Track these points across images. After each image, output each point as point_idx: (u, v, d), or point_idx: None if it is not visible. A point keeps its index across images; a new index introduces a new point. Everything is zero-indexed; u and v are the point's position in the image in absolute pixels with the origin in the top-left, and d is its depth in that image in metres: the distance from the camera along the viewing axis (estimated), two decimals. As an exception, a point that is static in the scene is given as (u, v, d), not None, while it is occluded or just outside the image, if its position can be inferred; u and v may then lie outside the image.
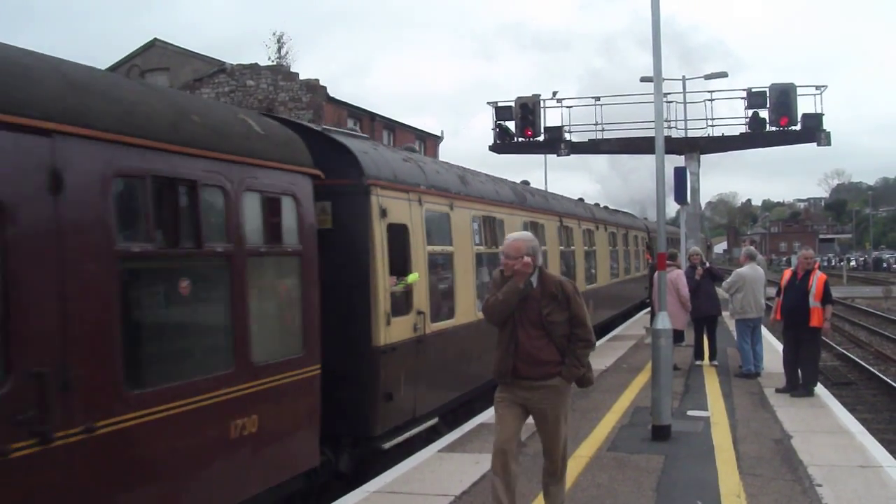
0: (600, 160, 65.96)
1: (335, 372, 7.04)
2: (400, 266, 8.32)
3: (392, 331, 7.96)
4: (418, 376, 8.46)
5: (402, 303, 8.32)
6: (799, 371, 10.97)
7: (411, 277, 8.31)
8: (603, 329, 19.55)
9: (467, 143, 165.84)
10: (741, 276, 12.61)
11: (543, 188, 22.91)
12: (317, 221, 7.03)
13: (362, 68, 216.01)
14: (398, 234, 8.37)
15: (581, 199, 21.95)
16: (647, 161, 29.48)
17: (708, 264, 14.49)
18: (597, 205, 23.61)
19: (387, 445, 7.90)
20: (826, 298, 10.76)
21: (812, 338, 10.83)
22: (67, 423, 4.31)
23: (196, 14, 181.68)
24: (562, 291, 5.50)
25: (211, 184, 5.57)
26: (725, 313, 15.27)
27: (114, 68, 29.05)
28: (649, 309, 15.28)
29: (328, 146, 7.79)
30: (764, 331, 13.87)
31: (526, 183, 16.96)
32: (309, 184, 6.84)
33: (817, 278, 10.83)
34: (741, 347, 12.68)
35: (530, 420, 5.66)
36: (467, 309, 10.02)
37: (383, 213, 8.01)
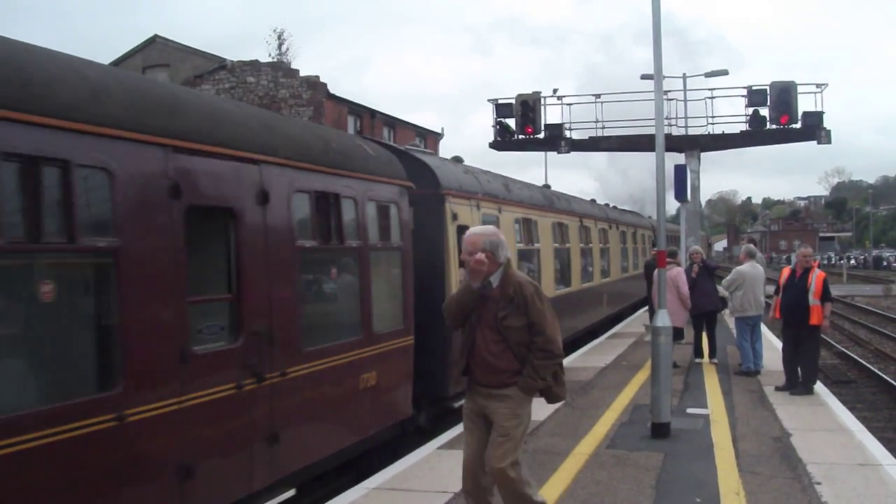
0: (599, 157, 66.05)
1: (417, 345, 8.87)
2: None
3: None
4: None
5: None
6: (798, 369, 10.97)
7: None
8: (614, 320, 21.26)
9: (467, 141, 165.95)
10: (741, 273, 12.60)
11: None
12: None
13: (361, 65, 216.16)
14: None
15: (593, 200, 23.77)
16: (645, 157, 29.55)
17: (703, 258, 14.49)
18: (607, 205, 25.47)
19: (456, 405, 9.63)
20: (825, 296, 10.76)
21: (811, 336, 10.83)
22: (272, 368, 6.18)
23: (195, 11, 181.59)
24: (520, 294, 4.93)
25: (348, 195, 7.53)
26: (726, 310, 15.28)
27: (115, 64, 29.01)
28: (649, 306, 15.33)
29: (412, 163, 9.67)
30: (763, 328, 13.87)
31: (547, 187, 18.87)
32: (406, 193, 8.81)
33: (816, 276, 10.82)
34: (741, 345, 12.69)
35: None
36: None
37: (454, 216, 10.01)
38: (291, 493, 6.60)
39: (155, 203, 5.14)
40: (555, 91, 25.46)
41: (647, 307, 19.12)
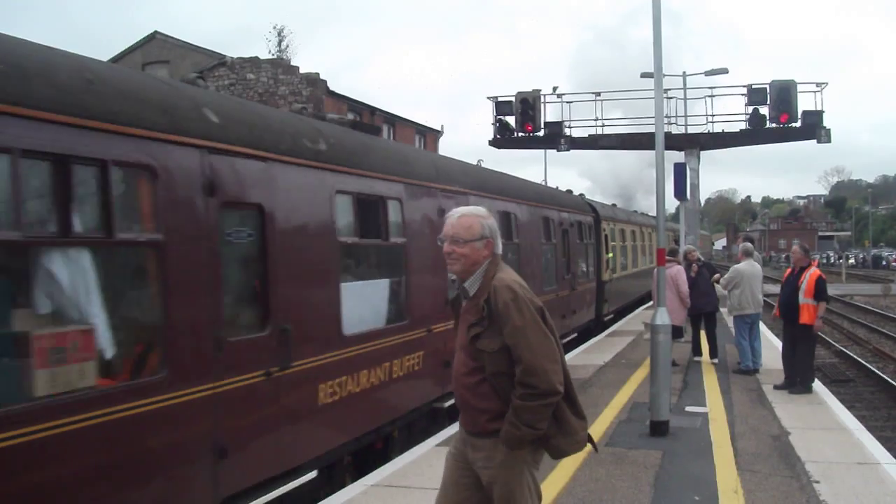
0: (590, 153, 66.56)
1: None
2: (606, 250, 20.56)
3: (606, 274, 20.21)
4: (612, 294, 20.93)
5: (607, 264, 20.72)
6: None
7: (609, 255, 20.54)
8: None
9: (466, 138, 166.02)
10: (739, 272, 12.58)
11: (544, 184, 23.24)
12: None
13: (360, 62, 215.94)
14: (606, 239, 20.64)
15: (635, 211, 32.17)
16: (638, 151, 30.10)
17: (703, 260, 14.45)
18: (644, 214, 34.96)
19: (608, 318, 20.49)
20: (818, 295, 10.72)
21: (804, 335, 10.82)
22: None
23: (194, 6, 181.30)
24: (495, 303, 3.58)
25: (583, 222, 18.02)
26: (723, 309, 15.28)
27: (115, 61, 28.98)
28: (650, 304, 15.43)
29: (584, 202, 19.89)
30: (762, 327, 13.87)
31: (614, 205, 27.36)
32: (592, 219, 18.98)
33: (810, 274, 10.82)
34: (739, 344, 12.67)
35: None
36: (619, 269, 22.51)
37: (603, 230, 20.29)
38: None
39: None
40: (555, 89, 25.45)
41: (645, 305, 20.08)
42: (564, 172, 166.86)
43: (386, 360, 7.79)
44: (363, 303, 7.61)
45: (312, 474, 6.50)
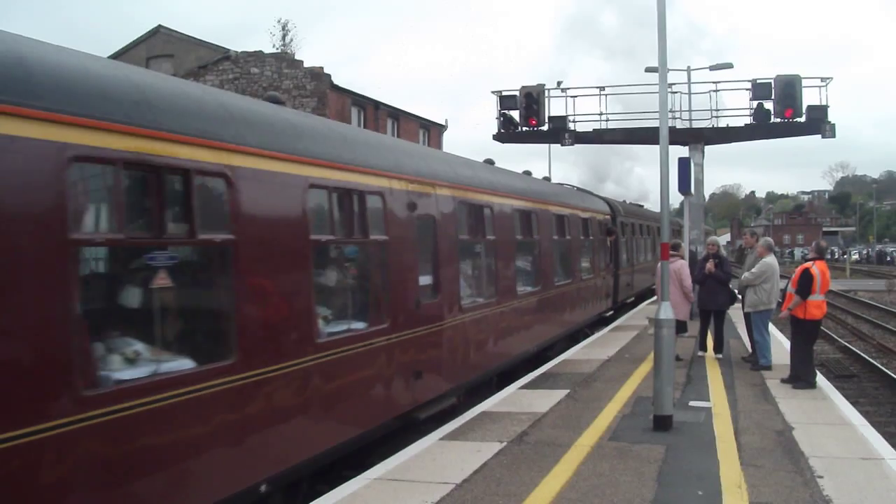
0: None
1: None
2: None
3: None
4: None
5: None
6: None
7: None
8: None
9: (469, 133, 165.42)
10: (770, 266, 12.31)
11: (548, 178, 23.26)
12: None
13: (360, 56, 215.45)
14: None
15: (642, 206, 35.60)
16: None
17: (720, 256, 14.26)
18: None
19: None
20: (798, 289, 10.70)
21: (794, 327, 10.85)
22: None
23: (193, 0, 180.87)
24: None
25: (646, 224, 29.49)
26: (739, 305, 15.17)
27: (118, 55, 28.97)
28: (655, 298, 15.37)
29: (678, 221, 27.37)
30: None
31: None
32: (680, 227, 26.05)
33: (798, 267, 10.89)
34: (758, 340, 12.38)
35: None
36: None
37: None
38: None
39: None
40: (559, 83, 25.32)
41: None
42: (540, 164, 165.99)
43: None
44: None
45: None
